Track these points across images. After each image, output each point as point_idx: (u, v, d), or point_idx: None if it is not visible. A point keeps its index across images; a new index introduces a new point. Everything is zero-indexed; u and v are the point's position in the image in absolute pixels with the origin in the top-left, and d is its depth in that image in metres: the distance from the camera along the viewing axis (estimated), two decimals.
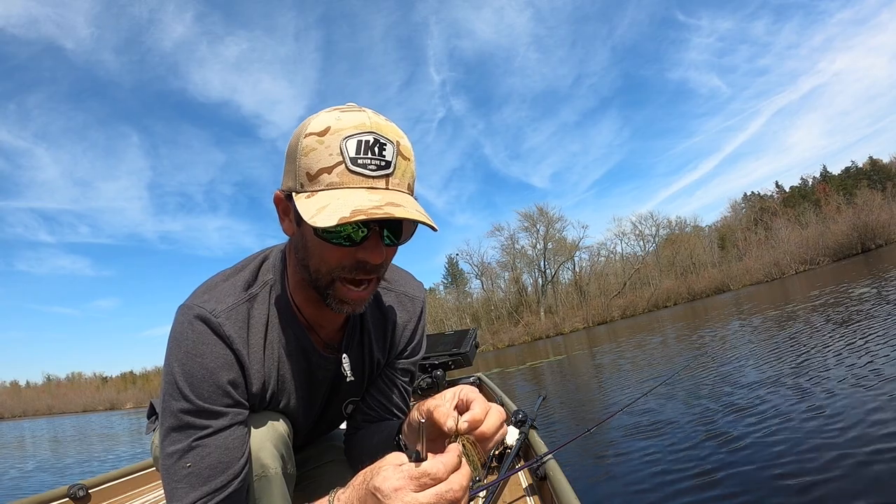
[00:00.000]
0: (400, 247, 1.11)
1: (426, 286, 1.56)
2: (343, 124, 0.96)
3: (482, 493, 2.25)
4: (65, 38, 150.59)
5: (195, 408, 1.02)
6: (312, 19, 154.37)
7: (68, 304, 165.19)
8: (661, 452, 4.42)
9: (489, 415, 0.93)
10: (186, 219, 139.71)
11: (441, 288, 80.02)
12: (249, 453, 1.09)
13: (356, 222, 0.90)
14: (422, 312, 1.41)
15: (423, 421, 0.88)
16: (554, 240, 71.21)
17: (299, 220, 1.00)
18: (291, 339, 1.19)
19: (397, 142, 0.99)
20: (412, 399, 1.48)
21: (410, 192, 1.02)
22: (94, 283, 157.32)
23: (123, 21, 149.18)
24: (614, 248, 72.88)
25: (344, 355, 1.26)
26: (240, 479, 1.04)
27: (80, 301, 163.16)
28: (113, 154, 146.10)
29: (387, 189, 0.96)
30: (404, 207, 0.93)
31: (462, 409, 0.98)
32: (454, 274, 79.55)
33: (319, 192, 0.94)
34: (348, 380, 1.28)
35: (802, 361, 6.68)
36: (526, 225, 71.98)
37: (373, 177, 0.95)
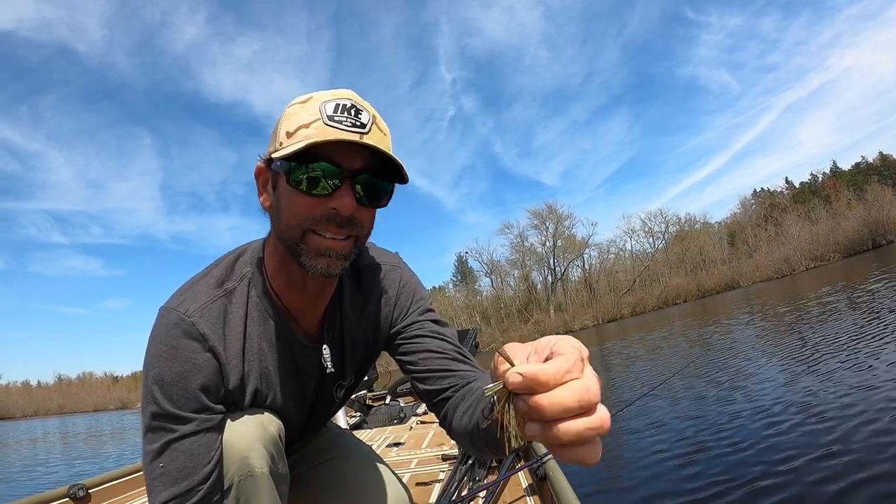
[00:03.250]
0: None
1: (435, 284, 1.51)
2: (324, 94, 1.03)
3: (482, 494, 2.23)
4: (77, 41, 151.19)
5: (163, 412, 1.04)
6: (324, 19, 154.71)
7: (79, 305, 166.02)
8: (661, 452, 4.39)
9: (567, 386, 0.55)
10: (198, 219, 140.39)
11: (451, 286, 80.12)
12: (219, 460, 1.08)
13: (324, 143, 0.95)
14: (400, 270, 1.36)
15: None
16: (563, 237, 71.21)
17: (276, 182, 1.06)
18: (273, 330, 1.19)
19: (374, 115, 1.04)
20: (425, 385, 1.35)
21: None
22: (105, 283, 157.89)
23: (136, 23, 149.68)
24: (624, 245, 72.94)
25: (325, 346, 1.24)
26: (207, 485, 1.05)
27: (92, 301, 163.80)
28: (125, 155, 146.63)
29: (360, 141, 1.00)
30: (371, 144, 0.98)
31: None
32: (464, 272, 79.54)
33: (296, 144, 0.98)
34: (328, 371, 1.25)
35: (810, 361, 6.62)
36: (535, 223, 71.96)
37: (348, 131, 0.98)
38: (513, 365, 0.58)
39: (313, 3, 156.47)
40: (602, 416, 0.56)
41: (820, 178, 74.35)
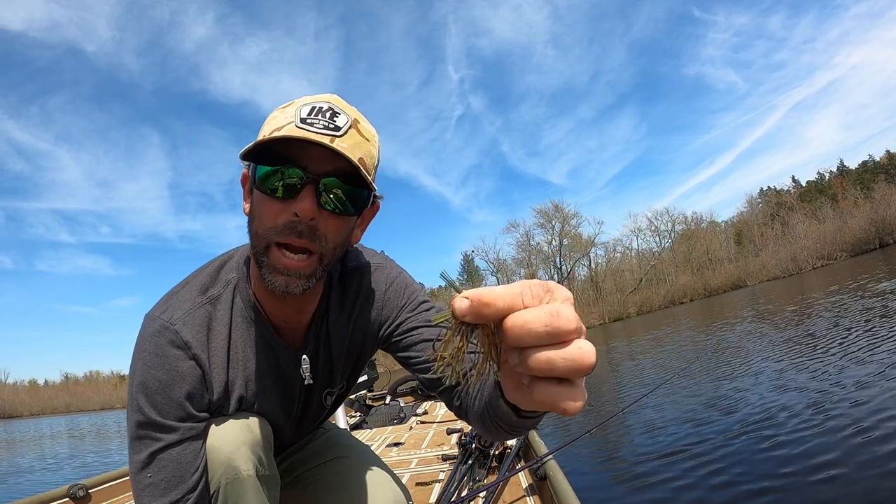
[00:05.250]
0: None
1: (442, 283, 1.46)
2: (305, 98, 1.00)
3: (482, 494, 2.22)
4: (86, 41, 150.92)
5: (148, 420, 1.04)
6: (332, 19, 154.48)
7: (87, 304, 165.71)
8: (662, 453, 4.37)
9: (533, 308, 0.46)
10: (206, 218, 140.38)
11: (456, 285, 79.96)
12: (205, 468, 1.09)
13: (277, 138, 0.93)
14: (385, 270, 1.31)
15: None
16: (569, 236, 71.05)
17: (252, 188, 1.04)
18: (257, 337, 1.17)
19: (355, 119, 1.00)
20: (428, 374, 1.32)
21: (362, 165, 0.98)
22: (113, 282, 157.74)
23: (145, 23, 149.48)
24: (630, 244, 72.63)
25: (304, 356, 1.23)
26: (196, 493, 1.06)
27: (99, 300, 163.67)
28: (134, 155, 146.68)
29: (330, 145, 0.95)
30: (331, 145, 0.93)
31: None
32: (470, 271, 79.51)
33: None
34: (306, 383, 1.24)
35: (814, 361, 6.58)
36: (542, 221, 71.74)
37: (317, 133, 0.94)
38: (459, 291, 0.49)
39: (322, 3, 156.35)
40: (582, 347, 0.45)
41: (827, 177, 73.99)
